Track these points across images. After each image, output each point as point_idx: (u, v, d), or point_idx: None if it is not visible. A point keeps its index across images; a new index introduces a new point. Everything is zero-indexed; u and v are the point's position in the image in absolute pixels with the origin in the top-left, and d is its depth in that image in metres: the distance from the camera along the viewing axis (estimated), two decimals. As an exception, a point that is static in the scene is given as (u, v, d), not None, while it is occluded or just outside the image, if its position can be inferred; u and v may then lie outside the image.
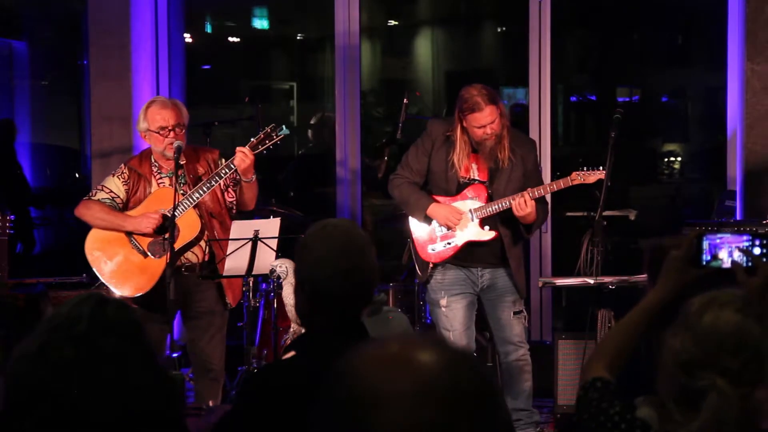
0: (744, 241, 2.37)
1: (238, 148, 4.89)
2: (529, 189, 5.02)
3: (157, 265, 4.96)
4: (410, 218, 5.26)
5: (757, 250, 2.36)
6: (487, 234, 5.12)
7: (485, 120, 4.97)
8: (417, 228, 5.22)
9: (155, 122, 4.96)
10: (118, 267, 5.01)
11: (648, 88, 9.39)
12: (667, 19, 8.61)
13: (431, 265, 5.20)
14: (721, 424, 1.97)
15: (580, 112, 9.60)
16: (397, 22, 10.19)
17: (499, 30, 9.97)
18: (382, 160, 7.54)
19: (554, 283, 5.76)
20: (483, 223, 5.13)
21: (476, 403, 1.31)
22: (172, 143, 4.93)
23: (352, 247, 2.61)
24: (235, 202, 5.06)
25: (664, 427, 2.06)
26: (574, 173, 5.07)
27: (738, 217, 6.14)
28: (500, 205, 5.06)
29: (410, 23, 10.11)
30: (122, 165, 5.14)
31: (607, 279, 5.24)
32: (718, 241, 2.36)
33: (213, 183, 4.92)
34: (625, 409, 2.15)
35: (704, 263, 2.35)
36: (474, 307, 5.24)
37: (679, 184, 9.09)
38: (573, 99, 9.44)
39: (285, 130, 4.93)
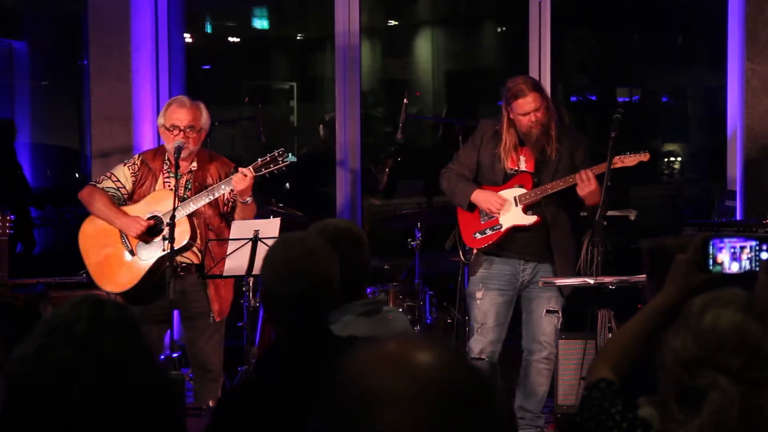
0: (745, 243, 2.35)
1: (240, 170, 4.88)
2: (587, 169, 5.02)
3: (141, 266, 4.98)
4: (458, 207, 5.34)
5: (765, 255, 2.35)
6: (529, 218, 5.16)
7: (529, 106, 5.02)
8: (462, 216, 5.30)
9: (169, 119, 4.99)
10: (105, 260, 5.04)
11: (648, 88, 9.39)
12: (667, 19, 8.61)
13: (475, 251, 5.25)
14: (722, 423, 1.97)
15: (580, 112, 9.60)
16: (397, 22, 10.19)
17: (499, 30, 9.97)
18: (384, 173, 7.55)
19: (554, 283, 5.75)
20: (527, 210, 5.17)
21: (474, 402, 1.31)
22: (183, 141, 4.94)
23: (301, 252, 2.60)
24: (231, 217, 5.06)
25: (666, 427, 2.06)
26: (615, 157, 5.07)
27: (738, 217, 6.14)
28: (543, 191, 5.11)
29: (410, 23, 10.11)
30: (136, 156, 5.20)
31: (607, 279, 5.23)
32: (722, 245, 2.35)
33: (210, 197, 4.92)
34: (626, 408, 2.15)
35: (710, 267, 2.35)
36: (510, 306, 5.27)
37: (679, 184, 9.09)
38: (573, 99, 9.43)
39: (292, 157, 4.94)
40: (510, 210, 5.17)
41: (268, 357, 2.69)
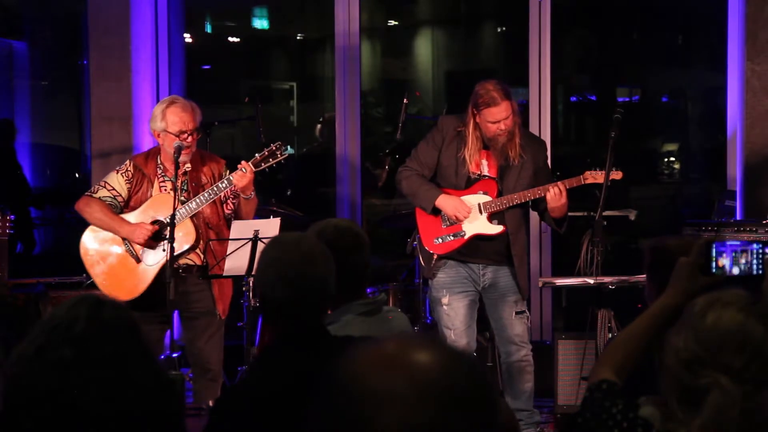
0: (747, 246, 2.35)
1: (240, 164, 4.86)
2: (560, 182, 5.00)
3: (148, 271, 4.96)
4: (417, 209, 5.25)
5: None
6: (495, 228, 5.11)
7: (500, 115, 4.97)
8: (423, 218, 5.21)
9: (174, 125, 4.91)
10: (110, 269, 5.01)
11: (648, 88, 9.39)
12: (667, 19, 8.61)
13: (435, 257, 5.19)
14: (723, 423, 1.97)
15: (580, 112, 9.60)
16: (397, 22, 10.19)
17: (499, 30, 9.98)
18: (383, 170, 7.56)
19: (554, 283, 5.76)
20: (491, 218, 5.13)
21: (473, 403, 1.31)
22: (185, 143, 4.90)
23: (296, 255, 2.60)
24: (232, 215, 5.04)
25: (666, 426, 2.06)
26: (587, 172, 5.07)
27: (738, 217, 6.14)
28: (509, 201, 5.07)
29: (410, 23, 10.11)
30: (127, 161, 5.11)
31: (607, 279, 5.24)
32: (723, 248, 2.35)
33: (211, 196, 4.90)
34: (627, 407, 2.15)
35: (713, 270, 2.35)
36: (476, 305, 5.23)
37: (679, 184, 9.09)
38: (573, 99, 9.44)
39: (290, 150, 4.93)
40: (476, 218, 5.12)
41: (264, 357, 2.69)
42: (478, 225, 5.12)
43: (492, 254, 5.16)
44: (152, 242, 4.96)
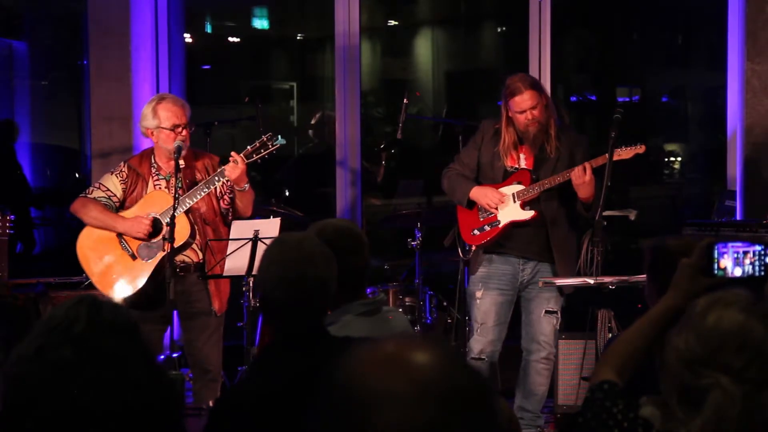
0: (749, 248, 2.35)
1: (231, 155, 4.87)
2: (586, 162, 5.04)
3: (145, 267, 4.96)
4: (458, 207, 5.36)
5: None
6: (526, 214, 5.18)
7: (526, 104, 5.06)
8: (462, 214, 5.33)
9: (168, 119, 4.93)
10: (107, 268, 5.01)
11: (648, 88, 9.40)
12: (667, 19, 8.62)
13: (473, 248, 5.28)
14: (723, 422, 1.97)
15: (580, 112, 9.61)
16: (397, 22, 10.20)
17: (499, 30, 9.99)
18: (380, 165, 7.56)
19: (554, 283, 5.75)
20: (525, 206, 5.19)
21: (473, 403, 1.31)
22: (182, 141, 4.92)
23: (298, 256, 2.61)
24: (230, 210, 5.05)
25: (667, 426, 2.06)
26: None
27: (738, 217, 6.13)
28: (540, 186, 5.13)
29: (410, 23, 10.12)
30: (122, 163, 5.13)
31: (607, 279, 5.23)
32: (725, 249, 2.34)
33: (205, 190, 4.91)
34: (628, 407, 2.15)
35: (714, 272, 2.34)
36: (509, 306, 5.29)
37: (679, 184, 9.09)
38: (573, 99, 9.44)
39: (281, 140, 4.95)
40: (508, 206, 5.20)
41: (264, 357, 2.70)
42: (511, 212, 5.20)
43: (530, 246, 5.22)
44: (150, 238, 4.96)
